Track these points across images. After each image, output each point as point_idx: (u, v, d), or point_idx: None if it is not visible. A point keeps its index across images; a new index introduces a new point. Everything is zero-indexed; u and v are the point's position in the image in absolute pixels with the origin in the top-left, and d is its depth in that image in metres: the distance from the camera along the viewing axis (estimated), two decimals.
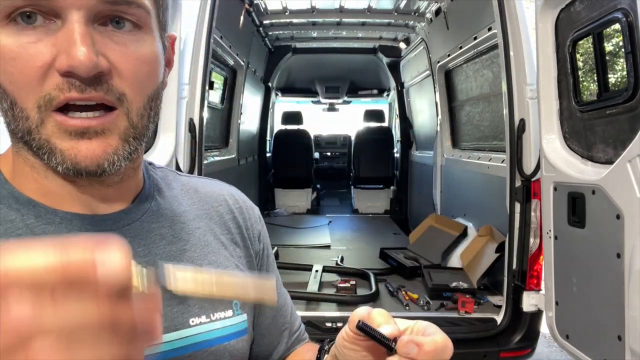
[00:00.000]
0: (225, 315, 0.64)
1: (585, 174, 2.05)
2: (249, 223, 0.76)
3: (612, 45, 4.15)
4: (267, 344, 0.77)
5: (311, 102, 7.87)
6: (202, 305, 0.62)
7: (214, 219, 0.71)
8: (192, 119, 2.57)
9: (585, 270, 2.05)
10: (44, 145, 0.51)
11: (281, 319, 0.79)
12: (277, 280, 0.80)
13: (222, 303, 0.65)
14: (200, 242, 0.67)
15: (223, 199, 0.75)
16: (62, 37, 0.49)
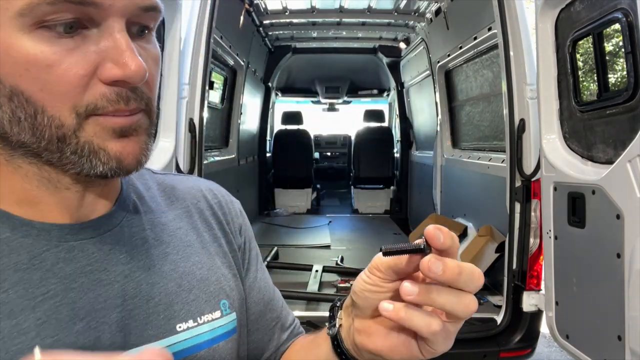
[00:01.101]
0: (213, 316, 0.63)
1: (585, 174, 2.05)
2: (230, 217, 0.74)
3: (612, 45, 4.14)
4: (257, 340, 0.75)
5: (311, 102, 7.87)
6: (188, 309, 0.60)
7: (194, 217, 0.69)
8: (192, 119, 2.57)
9: (585, 270, 2.05)
10: (85, 148, 0.50)
11: (270, 313, 0.77)
12: (264, 274, 0.77)
13: (209, 304, 0.63)
14: (183, 243, 0.65)
15: (202, 194, 0.72)
16: (107, 46, 0.48)
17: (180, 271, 0.62)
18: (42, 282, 0.50)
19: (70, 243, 0.53)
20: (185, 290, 0.61)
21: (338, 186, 7.90)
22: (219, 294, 0.65)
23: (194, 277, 0.63)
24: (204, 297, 0.62)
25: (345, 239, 4.86)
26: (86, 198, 0.55)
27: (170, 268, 0.61)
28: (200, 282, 0.63)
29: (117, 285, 0.55)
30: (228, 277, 0.68)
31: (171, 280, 0.60)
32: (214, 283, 0.65)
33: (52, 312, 0.50)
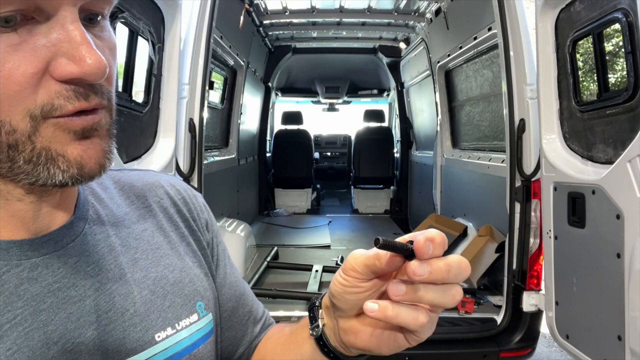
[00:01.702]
0: (191, 320, 0.59)
1: (585, 174, 2.05)
2: (195, 213, 0.69)
3: (612, 45, 4.14)
4: (231, 337, 0.72)
5: (311, 102, 7.87)
6: (165, 317, 0.56)
7: (158, 216, 0.64)
8: (192, 119, 2.57)
9: (585, 270, 2.05)
10: (42, 154, 0.44)
11: (242, 308, 0.74)
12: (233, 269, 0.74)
13: (186, 308, 0.59)
14: (151, 246, 0.60)
15: (164, 191, 0.67)
16: (59, 39, 0.43)
17: (152, 277, 0.58)
18: (6, 307, 0.45)
19: (33, 260, 0.48)
20: (159, 296, 0.57)
21: (338, 186, 7.90)
22: (194, 296, 0.61)
23: (167, 282, 0.59)
24: (179, 302, 0.59)
25: (345, 239, 4.86)
26: (42, 209, 0.50)
27: (142, 275, 0.57)
28: (174, 286, 0.59)
29: (88, 301, 0.50)
30: (201, 277, 0.64)
31: (144, 287, 0.56)
32: (188, 285, 0.61)
33: (22, 340, 0.45)
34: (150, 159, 2.34)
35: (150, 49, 2.30)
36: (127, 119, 2.17)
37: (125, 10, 2.01)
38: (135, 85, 2.35)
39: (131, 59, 2.27)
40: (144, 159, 2.31)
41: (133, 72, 2.30)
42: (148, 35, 2.25)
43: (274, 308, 2.82)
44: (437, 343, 2.58)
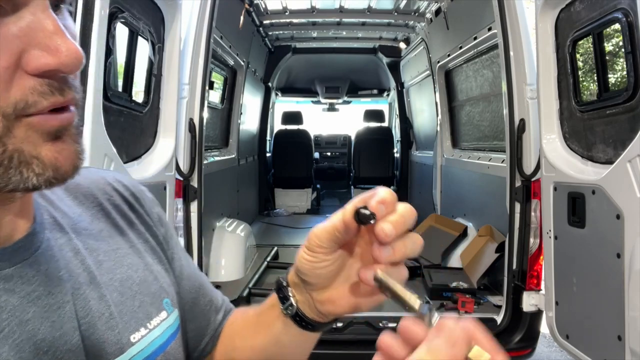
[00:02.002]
0: (161, 318, 0.58)
1: (585, 174, 2.05)
2: (147, 208, 0.67)
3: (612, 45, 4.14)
4: (195, 329, 0.71)
5: (311, 102, 7.87)
6: (137, 317, 0.55)
7: (111, 215, 0.61)
8: (192, 119, 2.57)
9: (585, 270, 2.05)
10: (13, 157, 0.41)
11: (202, 299, 0.73)
12: (188, 260, 0.73)
13: (154, 306, 0.58)
14: (111, 247, 0.58)
15: (112, 188, 0.64)
16: (30, 29, 0.40)
17: (118, 278, 0.56)
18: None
19: (6, 271, 0.45)
20: (129, 298, 0.56)
21: (338, 186, 7.90)
22: (160, 294, 0.60)
23: (133, 282, 0.57)
24: (148, 301, 0.58)
25: None
26: (5, 217, 0.47)
27: (109, 277, 0.55)
28: (140, 285, 0.58)
29: (68, 307, 0.48)
30: (162, 274, 0.63)
31: (114, 290, 0.54)
32: (153, 283, 0.60)
33: (15, 352, 0.43)
34: (150, 159, 2.34)
35: (150, 49, 2.30)
36: (127, 119, 2.17)
37: (125, 10, 2.01)
38: (135, 85, 2.35)
39: (131, 59, 2.27)
40: (144, 159, 2.31)
41: (133, 72, 2.30)
42: (148, 35, 2.25)
43: None
44: None
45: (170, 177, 2.41)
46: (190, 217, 2.59)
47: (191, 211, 2.60)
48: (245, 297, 2.87)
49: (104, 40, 1.80)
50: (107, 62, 1.88)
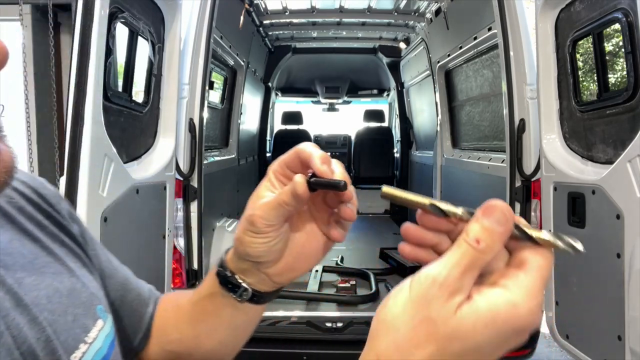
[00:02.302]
0: (98, 328, 0.52)
1: (585, 174, 2.05)
2: (56, 206, 0.59)
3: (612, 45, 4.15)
4: (129, 326, 0.67)
5: (311, 102, 7.87)
6: (74, 334, 0.49)
7: (17, 219, 0.53)
8: (192, 119, 2.57)
9: (585, 270, 2.05)
10: None
11: (130, 294, 0.68)
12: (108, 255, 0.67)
13: (89, 317, 0.52)
14: (27, 259, 0.50)
15: (10, 188, 0.55)
16: None
17: (44, 294, 0.49)
18: None
19: None
20: (61, 314, 0.49)
21: None
22: (92, 301, 0.54)
23: (61, 295, 0.50)
24: (81, 312, 0.51)
25: (345, 239, 4.83)
26: None
27: (34, 295, 0.47)
28: (69, 297, 0.51)
29: (4, 339, 0.43)
30: (89, 277, 0.57)
31: (43, 309, 0.47)
32: (82, 291, 0.53)
33: None
34: (150, 159, 2.34)
35: (150, 49, 2.30)
36: (127, 119, 2.17)
37: (125, 10, 2.01)
38: (135, 85, 2.35)
39: (131, 59, 2.27)
40: (144, 159, 2.31)
41: (133, 72, 2.30)
42: (148, 35, 2.25)
43: (274, 308, 2.82)
44: None
45: (170, 177, 2.41)
46: (190, 217, 2.59)
47: (191, 211, 2.60)
48: None
49: (104, 40, 1.80)
50: (107, 62, 1.88)
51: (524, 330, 0.38)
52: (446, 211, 0.43)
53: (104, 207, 1.85)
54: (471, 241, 0.38)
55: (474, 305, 0.37)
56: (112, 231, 1.89)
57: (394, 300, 0.39)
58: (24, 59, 2.59)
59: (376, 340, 0.39)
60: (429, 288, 0.38)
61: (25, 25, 2.56)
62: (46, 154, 2.73)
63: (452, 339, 0.37)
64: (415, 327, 0.38)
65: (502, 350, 0.38)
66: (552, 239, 0.42)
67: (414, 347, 0.37)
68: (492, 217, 0.39)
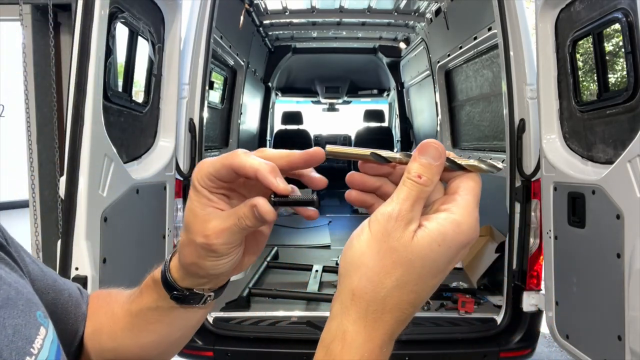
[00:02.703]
0: (42, 337, 0.48)
1: (585, 174, 2.05)
2: None
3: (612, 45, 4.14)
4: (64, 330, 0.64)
5: (311, 102, 7.88)
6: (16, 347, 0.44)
7: None
8: (192, 119, 2.57)
9: (585, 270, 2.05)
10: None
11: (61, 296, 0.64)
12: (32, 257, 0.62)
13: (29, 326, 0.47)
14: None
15: None
16: None
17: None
18: None
19: None
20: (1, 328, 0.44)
21: (338, 186, 7.86)
22: (30, 309, 0.49)
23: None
24: (21, 322, 0.46)
25: (345, 239, 4.75)
26: None
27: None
28: (4, 308, 0.46)
29: None
30: (21, 283, 0.52)
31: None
32: (18, 299, 0.49)
33: None
34: (150, 159, 2.34)
35: (150, 49, 2.30)
36: (127, 119, 2.17)
37: (125, 10, 2.01)
38: (136, 85, 2.35)
39: (131, 59, 2.27)
40: (144, 159, 2.31)
41: (133, 72, 2.30)
42: (148, 35, 2.25)
43: (274, 308, 2.82)
44: (437, 343, 2.58)
45: (170, 177, 2.41)
46: None
47: None
48: (246, 297, 2.87)
49: (104, 40, 1.80)
50: (107, 62, 1.88)
51: (468, 243, 0.45)
52: (387, 157, 0.48)
53: (104, 207, 1.85)
54: (414, 177, 0.45)
55: (426, 230, 0.44)
56: (112, 231, 1.89)
57: (358, 240, 0.46)
58: (24, 59, 2.59)
59: (348, 278, 0.45)
60: (387, 223, 0.44)
61: (25, 25, 2.56)
62: (46, 154, 2.73)
63: (413, 260, 0.44)
64: (381, 258, 0.44)
65: (453, 262, 0.45)
66: (477, 163, 0.48)
67: (384, 276, 0.44)
68: (428, 154, 0.45)
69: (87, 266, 1.74)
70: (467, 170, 0.47)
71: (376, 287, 0.44)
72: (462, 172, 0.48)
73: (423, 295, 0.45)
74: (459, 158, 0.48)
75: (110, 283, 1.86)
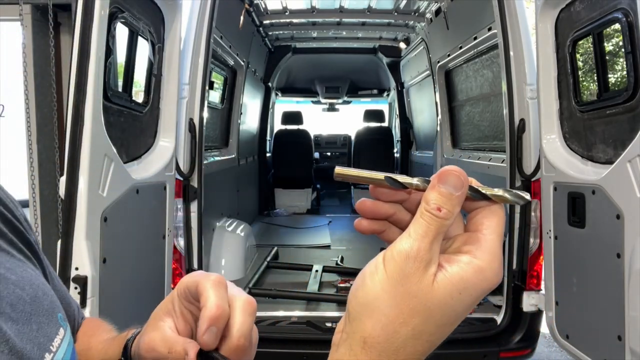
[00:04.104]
0: (61, 337, 0.51)
1: (585, 174, 2.05)
2: (12, 209, 0.57)
3: (612, 45, 4.14)
4: None
5: (311, 102, 7.88)
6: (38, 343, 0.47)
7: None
8: (192, 119, 2.57)
9: (585, 270, 2.05)
10: None
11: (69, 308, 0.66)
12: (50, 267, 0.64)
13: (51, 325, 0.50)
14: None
15: None
16: None
17: (8, 303, 0.46)
18: None
19: None
20: (24, 323, 0.47)
21: (338, 186, 7.90)
22: (53, 310, 0.52)
23: (24, 303, 0.48)
24: (44, 321, 0.49)
25: (345, 239, 4.85)
26: None
27: None
28: (32, 304, 0.49)
29: None
30: (47, 286, 0.55)
31: (7, 318, 0.45)
32: (44, 299, 0.51)
33: None
34: (150, 159, 2.33)
35: (150, 49, 2.30)
36: (127, 119, 2.17)
37: (125, 10, 2.01)
38: (136, 85, 2.35)
39: (131, 59, 2.27)
40: (144, 159, 2.31)
41: (133, 72, 2.30)
42: (148, 35, 2.25)
43: (274, 308, 2.82)
44: None
45: (170, 177, 2.41)
46: (190, 217, 2.59)
47: (191, 211, 2.60)
48: None
49: (104, 40, 1.80)
50: (107, 62, 1.88)
51: (491, 289, 0.42)
52: (403, 182, 0.44)
53: (104, 207, 1.85)
54: (432, 210, 0.40)
55: (447, 274, 0.40)
56: (112, 231, 1.89)
57: (372, 280, 0.41)
58: (24, 59, 2.59)
59: (360, 323, 0.41)
60: (404, 263, 0.40)
61: (25, 25, 2.56)
62: (46, 154, 2.73)
63: (432, 310, 0.40)
64: (397, 304, 0.40)
65: (472, 307, 0.42)
66: (503, 193, 0.43)
67: (399, 325, 0.40)
68: (448, 183, 0.41)
69: (87, 266, 1.74)
70: (491, 200, 0.43)
71: (390, 337, 0.41)
72: (485, 203, 0.43)
73: (437, 344, 0.43)
74: (482, 187, 0.43)
75: (110, 283, 1.87)
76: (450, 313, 0.41)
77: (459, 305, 0.41)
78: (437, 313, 0.40)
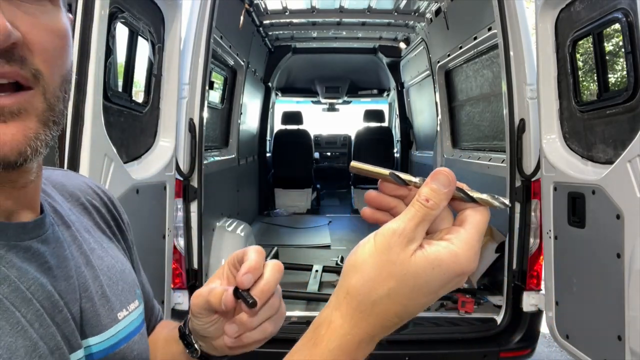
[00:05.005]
0: (135, 305, 0.66)
1: (585, 174, 2.05)
2: (121, 214, 0.75)
3: (612, 45, 4.15)
4: None
5: (311, 102, 7.88)
6: (120, 300, 0.63)
7: (93, 214, 0.69)
8: (192, 119, 2.57)
9: (585, 270, 2.05)
10: None
11: (149, 303, 0.80)
12: (140, 266, 0.80)
13: (131, 294, 0.66)
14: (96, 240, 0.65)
15: (92, 191, 0.71)
16: None
17: (106, 264, 0.63)
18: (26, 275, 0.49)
19: (25, 243, 0.51)
20: (114, 282, 0.63)
21: (338, 186, 7.90)
22: (134, 285, 0.67)
23: (116, 270, 0.64)
24: (127, 288, 0.65)
25: (345, 239, 4.85)
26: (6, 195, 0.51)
27: (99, 263, 0.62)
28: (121, 274, 0.65)
29: (72, 281, 0.55)
30: (133, 272, 0.71)
31: (103, 273, 0.61)
32: (129, 275, 0.68)
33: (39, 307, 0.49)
34: (150, 159, 2.33)
35: (150, 49, 2.30)
36: (127, 119, 2.17)
37: (125, 10, 2.01)
38: (136, 85, 2.35)
39: (131, 59, 2.27)
40: (144, 159, 2.31)
41: (133, 72, 2.30)
42: (148, 35, 2.25)
43: None
44: (437, 343, 2.58)
45: (170, 177, 2.41)
46: (190, 217, 2.59)
47: (191, 211, 2.60)
48: None
49: (104, 40, 1.80)
50: (107, 62, 1.88)
51: (463, 273, 0.48)
52: (405, 179, 0.52)
53: None
54: (422, 200, 0.48)
55: (425, 252, 0.47)
56: None
57: (362, 248, 0.49)
58: None
59: (347, 278, 0.49)
60: (390, 237, 0.48)
61: None
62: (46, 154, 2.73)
63: (407, 277, 0.47)
64: (379, 268, 0.48)
65: (446, 288, 0.49)
66: (489, 198, 0.50)
67: (378, 283, 0.48)
68: (438, 181, 0.49)
69: None
70: (477, 202, 0.50)
71: (369, 291, 0.48)
72: (472, 205, 0.50)
73: (410, 310, 0.49)
74: (471, 190, 0.50)
75: None
76: (422, 284, 0.47)
77: (432, 280, 0.47)
78: (410, 281, 0.47)
